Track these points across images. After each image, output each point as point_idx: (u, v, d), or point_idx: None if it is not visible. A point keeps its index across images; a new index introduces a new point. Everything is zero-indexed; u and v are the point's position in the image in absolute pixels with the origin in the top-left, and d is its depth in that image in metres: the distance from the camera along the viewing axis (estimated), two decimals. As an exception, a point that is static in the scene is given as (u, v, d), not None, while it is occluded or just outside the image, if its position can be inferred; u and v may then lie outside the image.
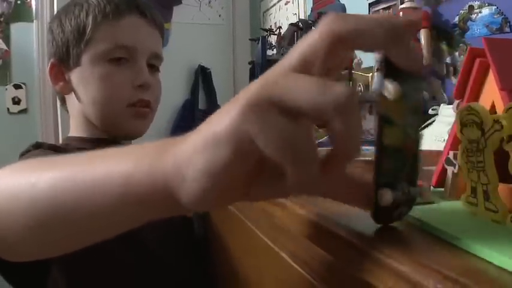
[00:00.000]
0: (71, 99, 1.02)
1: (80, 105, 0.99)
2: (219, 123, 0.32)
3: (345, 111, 0.30)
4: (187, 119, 3.16)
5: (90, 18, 0.94)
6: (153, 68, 1.03)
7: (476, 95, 0.44)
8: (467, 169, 0.39)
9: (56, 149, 0.87)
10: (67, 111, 1.06)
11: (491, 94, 0.42)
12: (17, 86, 3.03)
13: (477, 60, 0.43)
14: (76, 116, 1.02)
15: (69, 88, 1.00)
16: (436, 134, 0.97)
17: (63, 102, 1.05)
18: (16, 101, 3.03)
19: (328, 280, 0.43)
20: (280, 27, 1.28)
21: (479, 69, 0.43)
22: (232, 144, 0.31)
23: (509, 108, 0.34)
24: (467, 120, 0.38)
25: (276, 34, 1.23)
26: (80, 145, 0.98)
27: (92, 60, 0.95)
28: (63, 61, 0.98)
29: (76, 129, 1.03)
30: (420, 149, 0.34)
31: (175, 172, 0.33)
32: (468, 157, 0.38)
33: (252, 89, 0.32)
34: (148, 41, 0.99)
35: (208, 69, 3.30)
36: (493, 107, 0.42)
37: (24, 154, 0.86)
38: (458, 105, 0.44)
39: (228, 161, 0.31)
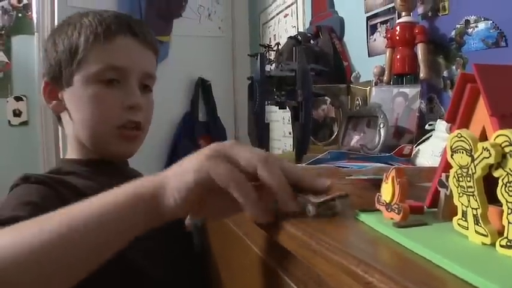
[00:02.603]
0: (65, 117, 1.02)
1: (72, 124, 1.00)
2: (191, 161, 0.53)
3: (266, 163, 0.51)
4: (188, 131, 3.18)
5: (82, 38, 0.95)
6: (146, 88, 1.03)
7: (467, 120, 0.45)
8: (458, 193, 0.40)
9: (42, 181, 0.86)
10: (64, 129, 1.06)
11: (481, 119, 0.43)
12: (18, 99, 3.05)
13: (468, 86, 0.44)
14: (69, 136, 1.03)
15: (62, 107, 1.00)
16: (433, 149, 0.98)
17: (60, 120, 1.06)
18: (17, 113, 3.04)
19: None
20: (278, 43, 1.29)
21: (470, 94, 0.44)
22: (195, 174, 0.52)
23: (498, 135, 0.35)
24: (457, 146, 0.39)
25: (274, 50, 1.24)
26: (71, 168, 0.98)
27: (83, 80, 0.95)
28: (56, 80, 0.99)
29: (71, 151, 1.04)
30: None
31: (160, 185, 0.54)
32: (459, 182, 0.39)
33: (214, 146, 0.54)
34: (140, 62, 1.00)
35: (208, 81, 3.31)
36: (483, 131, 0.43)
37: (13, 188, 0.85)
38: (450, 128, 0.46)
39: (190, 184, 0.52)
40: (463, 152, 0.38)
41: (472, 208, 0.38)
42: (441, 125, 1.01)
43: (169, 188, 0.53)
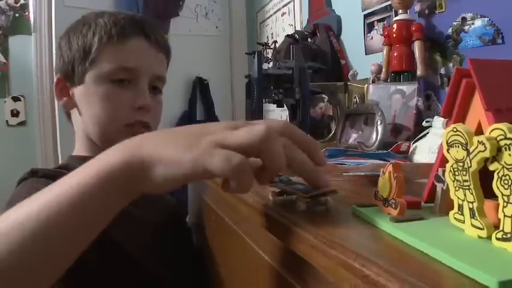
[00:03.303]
0: (75, 114, 1.03)
1: (81, 122, 1.01)
2: (185, 151, 0.47)
3: (267, 140, 0.46)
4: (185, 130, 3.17)
5: (96, 38, 0.96)
6: (156, 89, 1.04)
7: (463, 115, 0.45)
8: (454, 187, 0.40)
9: (50, 176, 0.87)
10: (73, 126, 1.07)
11: (477, 114, 0.43)
12: (16, 99, 3.05)
13: (464, 81, 0.44)
14: (78, 133, 1.04)
15: (72, 104, 1.02)
16: (430, 146, 0.98)
17: (69, 117, 1.07)
18: (15, 114, 3.05)
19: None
20: (275, 42, 1.30)
21: (465, 89, 0.44)
22: (189, 169, 0.46)
23: (493, 129, 0.36)
24: (453, 140, 0.39)
25: (271, 48, 1.25)
26: (79, 165, 0.98)
27: (95, 79, 0.96)
28: (68, 77, 1.01)
29: (79, 148, 1.04)
30: None
31: (143, 167, 0.49)
32: (455, 176, 0.40)
33: (214, 137, 0.48)
34: (151, 64, 1.01)
35: (206, 80, 3.32)
36: (479, 126, 0.43)
37: (21, 182, 0.87)
38: (446, 123, 0.46)
39: (180, 177, 0.47)
40: (458, 146, 0.39)
41: (468, 202, 0.39)
42: (438, 122, 1.01)
43: (152, 175, 0.48)
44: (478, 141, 0.36)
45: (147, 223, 0.99)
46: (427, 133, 1.05)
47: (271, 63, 1.21)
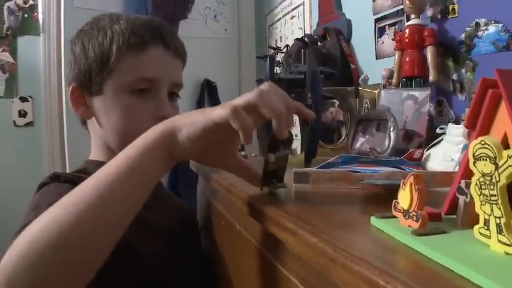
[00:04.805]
0: (91, 123, 1.01)
1: (100, 130, 0.99)
2: (198, 114, 0.65)
3: (262, 95, 0.62)
4: (193, 132, 3.17)
5: (115, 47, 0.93)
6: (173, 95, 1.02)
7: (488, 126, 0.44)
8: (480, 201, 0.39)
9: (72, 181, 0.86)
10: (88, 132, 1.05)
11: (503, 125, 0.42)
12: (24, 99, 3.06)
13: (489, 91, 0.43)
14: (96, 140, 1.02)
15: (90, 113, 0.99)
16: (444, 153, 0.97)
17: (84, 123, 1.05)
18: (22, 114, 3.05)
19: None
20: (288, 45, 1.29)
21: (491, 100, 0.43)
22: (203, 125, 0.63)
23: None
24: (480, 153, 0.38)
25: (283, 52, 1.24)
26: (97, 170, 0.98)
27: (114, 90, 0.94)
28: (84, 87, 0.97)
29: (96, 153, 1.03)
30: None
31: (171, 135, 0.65)
32: (481, 189, 0.39)
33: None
34: (171, 73, 0.99)
35: (214, 82, 3.31)
36: (504, 137, 0.42)
37: (43, 186, 0.85)
38: (468, 134, 0.44)
39: (200, 133, 0.63)
40: (486, 160, 0.37)
41: (495, 217, 0.37)
42: (453, 129, 1.00)
43: (180, 137, 0.65)
44: (508, 155, 0.35)
45: (161, 228, 0.98)
46: (441, 140, 1.04)
47: (281, 67, 1.20)
